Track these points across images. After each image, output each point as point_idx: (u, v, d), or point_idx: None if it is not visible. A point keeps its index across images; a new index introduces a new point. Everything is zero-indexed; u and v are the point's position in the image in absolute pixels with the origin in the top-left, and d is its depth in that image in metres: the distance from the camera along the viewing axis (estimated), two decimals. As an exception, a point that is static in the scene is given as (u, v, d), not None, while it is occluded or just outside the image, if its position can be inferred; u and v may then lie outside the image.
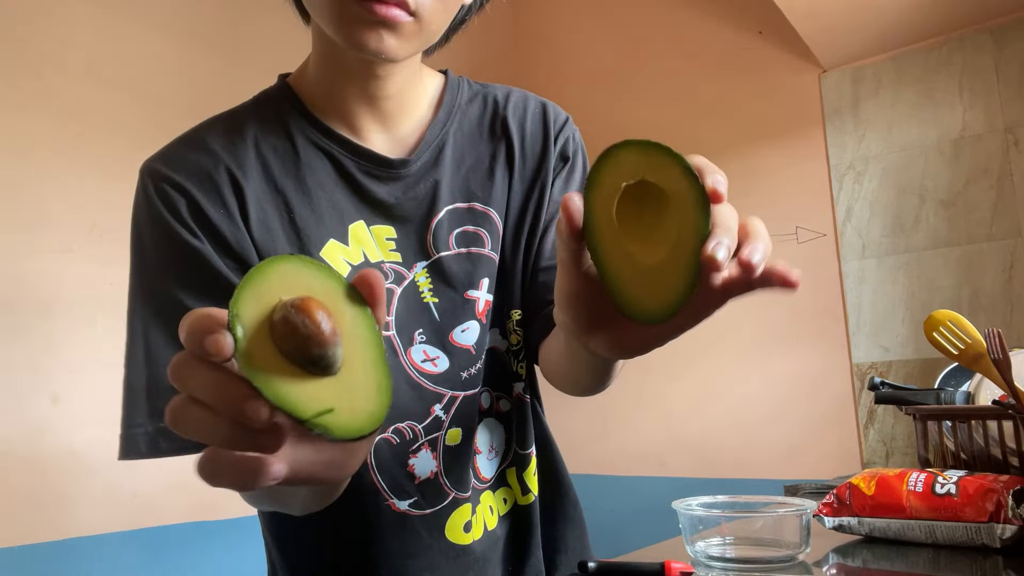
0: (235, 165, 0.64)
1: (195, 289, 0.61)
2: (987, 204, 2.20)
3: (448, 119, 0.72)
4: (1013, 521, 0.83)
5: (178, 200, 0.62)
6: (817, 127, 2.54)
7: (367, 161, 0.68)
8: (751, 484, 2.47)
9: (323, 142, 0.67)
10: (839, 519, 0.94)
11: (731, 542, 0.84)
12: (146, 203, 0.64)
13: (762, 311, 2.59)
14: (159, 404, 0.60)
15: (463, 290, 0.70)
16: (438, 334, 0.69)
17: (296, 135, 0.67)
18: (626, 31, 3.05)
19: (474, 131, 0.73)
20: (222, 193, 0.63)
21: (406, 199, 0.69)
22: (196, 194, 0.63)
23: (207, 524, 1.93)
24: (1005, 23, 2.23)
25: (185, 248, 0.62)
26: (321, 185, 0.67)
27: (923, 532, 0.87)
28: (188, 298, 0.61)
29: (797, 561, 0.80)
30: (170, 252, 0.62)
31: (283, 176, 0.66)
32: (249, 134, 0.67)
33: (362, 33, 0.58)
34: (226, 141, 0.66)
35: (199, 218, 0.62)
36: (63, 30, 1.83)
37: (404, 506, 0.67)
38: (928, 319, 1.02)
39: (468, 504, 0.71)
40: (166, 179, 0.63)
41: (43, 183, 1.75)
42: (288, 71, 0.76)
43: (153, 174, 0.65)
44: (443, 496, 0.69)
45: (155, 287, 0.63)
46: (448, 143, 0.71)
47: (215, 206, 0.63)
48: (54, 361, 1.71)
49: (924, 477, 0.90)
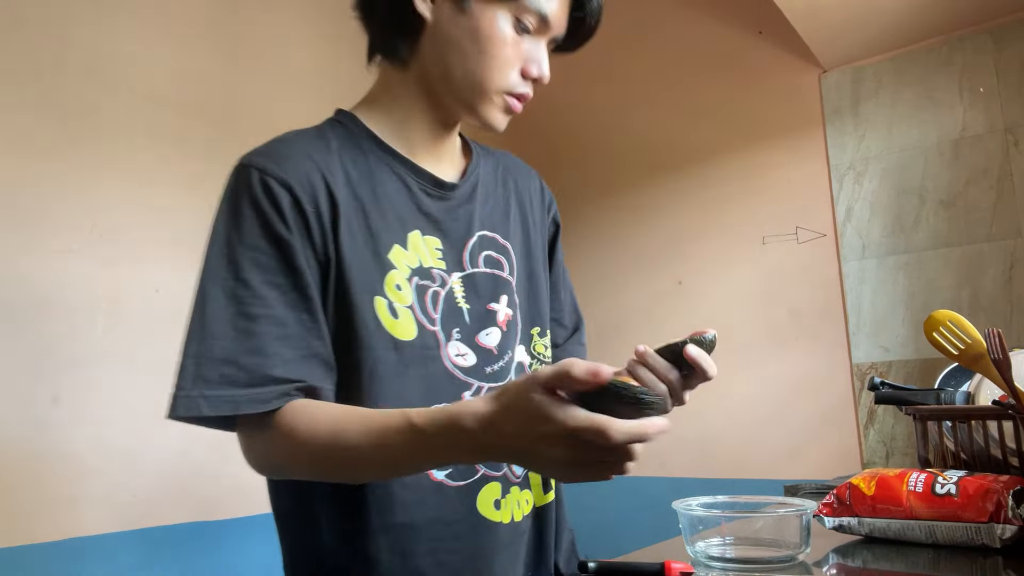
0: (328, 172, 0.76)
1: (271, 274, 0.71)
2: (987, 204, 2.20)
3: (476, 165, 0.90)
4: (1013, 521, 0.83)
5: (281, 196, 0.72)
6: (817, 127, 2.54)
7: (425, 181, 0.83)
8: (751, 484, 2.47)
9: (391, 162, 0.82)
10: (839, 519, 0.94)
11: (731, 542, 0.84)
12: (248, 192, 0.72)
13: (762, 312, 2.59)
14: (205, 373, 0.68)
15: (487, 302, 0.84)
16: (468, 335, 0.82)
17: (368, 154, 0.81)
18: (625, 31, 3.05)
19: (491, 180, 0.91)
20: (317, 196, 0.74)
21: (450, 219, 0.84)
22: (298, 192, 0.73)
23: (207, 524, 1.93)
24: (1005, 23, 2.23)
25: (277, 239, 0.71)
26: (389, 197, 0.80)
27: (923, 532, 0.87)
28: (261, 284, 0.71)
29: (797, 561, 0.80)
30: (261, 240, 0.71)
31: (360, 186, 0.78)
32: (334, 148, 0.79)
33: (497, 117, 0.81)
34: (319, 151, 0.78)
35: (297, 214, 0.72)
36: (63, 30, 1.83)
37: (441, 476, 0.77)
38: (928, 319, 1.02)
39: (497, 484, 0.81)
40: (273, 175, 0.73)
41: (43, 183, 1.75)
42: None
43: (260, 168, 0.73)
44: (473, 471, 0.79)
45: (235, 262, 0.71)
46: (479, 183, 0.89)
47: (311, 205, 0.73)
48: (54, 361, 1.71)
49: (924, 477, 0.90)
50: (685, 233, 2.82)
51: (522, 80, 0.81)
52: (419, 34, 0.80)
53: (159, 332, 1.90)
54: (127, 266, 1.86)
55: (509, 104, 0.81)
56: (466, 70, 0.78)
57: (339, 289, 0.74)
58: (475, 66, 0.78)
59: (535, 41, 0.81)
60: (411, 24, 0.79)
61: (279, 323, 0.70)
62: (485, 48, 0.77)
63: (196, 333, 0.71)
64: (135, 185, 1.90)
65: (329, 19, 2.50)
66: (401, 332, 0.76)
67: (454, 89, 0.80)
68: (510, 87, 0.80)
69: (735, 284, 2.67)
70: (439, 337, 0.79)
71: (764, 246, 2.62)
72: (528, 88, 0.81)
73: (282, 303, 0.71)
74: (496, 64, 0.78)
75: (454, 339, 0.80)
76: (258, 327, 0.70)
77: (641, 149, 2.95)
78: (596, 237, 2.95)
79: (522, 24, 0.78)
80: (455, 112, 0.83)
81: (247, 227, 0.72)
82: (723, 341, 2.27)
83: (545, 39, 0.81)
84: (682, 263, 2.81)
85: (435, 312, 0.79)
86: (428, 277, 0.80)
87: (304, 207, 0.73)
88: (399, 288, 0.77)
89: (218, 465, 1.98)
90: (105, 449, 1.77)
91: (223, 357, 0.69)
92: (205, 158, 2.08)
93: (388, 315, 0.76)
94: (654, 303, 2.85)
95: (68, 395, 1.72)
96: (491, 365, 0.82)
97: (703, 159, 2.80)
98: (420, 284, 0.79)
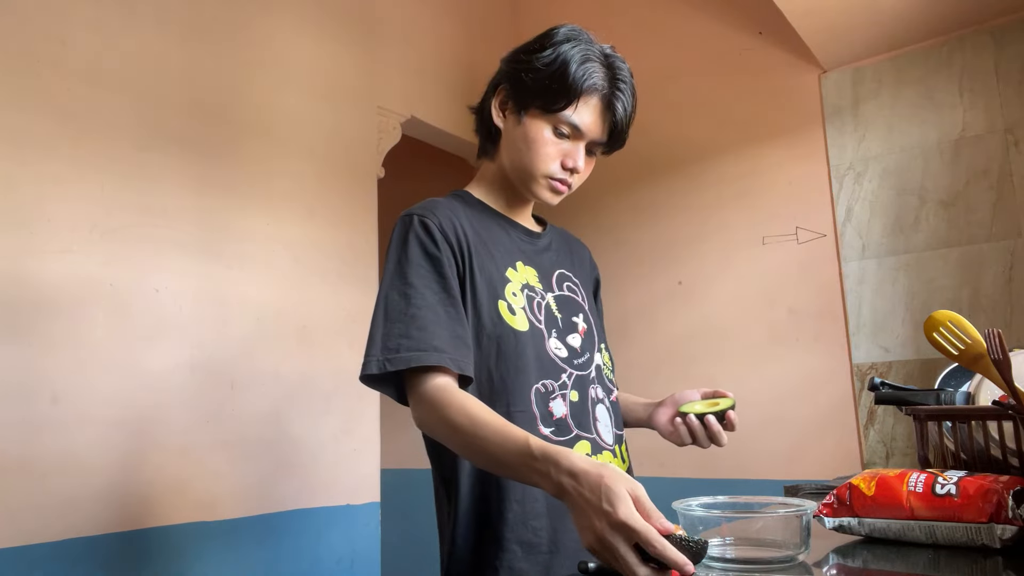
0: (459, 220, 1.08)
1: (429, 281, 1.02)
2: (987, 204, 2.20)
3: (550, 230, 1.26)
4: (1013, 522, 0.83)
5: (433, 229, 1.04)
6: (817, 127, 2.54)
7: (519, 231, 1.18)
8: (751, 484, 2.47)
9: (495, 218, 1.16)
10: (839, 519, 0.95)
11: (731, 543, 0.84)
12: (413, 231, 1.05)
13: (762, 312, 2.59)
14: (389, 344, 0.97)
15: (571, 316, 1.15)
16: (561, 335, 1.11)
17: (481, 213, 1.14)
18: (625, 32, 3.05)
19: (560, 241, 1.26)
20: (457, 231, 1.06)
21: (539, 257, 1.17)
22: (444, 227, 1.05)
23: (207, 525, 1.93)
24: (1005, 23, 2.23)
25: (431, 257, 1.03)
26: (498, 239, 1.13)
27: (923, 532, 0.87)
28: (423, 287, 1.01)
29: (797, 562, 0.80)
30: (421, 258, 1.03)
31: (479, 231, 1.10)
32: (459, 207, 1.12)
33: (545, 195, 1.12)
34: (452, 208, 1.10)
35: (443, 241, 1.04)
36: (63, 30, 1.83)
37: (547, 431, 1.04)
38: (928, 320, 1.02)
39: (587, 443, 1.07)
40: (428, 217, 1.05)
41: (43, 183, 1.75)
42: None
43: (419, 215, 1.06)
44: (569, 431, 1.06)
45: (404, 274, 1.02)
46: (553, 240, 1.24)
47: (453, 236, 1.05)
48: (54, 361, 1.71)
49: (924, 478, 0.89)
50: (685, 233, 2.82)
51: (561, 169, 1.09)
52: (498, 139, 1.14)
53: (159, 332, 1.90)
54: (127, 266, 1.86)
55: (553, 186, 1.10)
56: (520, 162, 1.10)
57: (474, 294, 1.04)
58: (524, 159, 1.09)
59: (573, 144, 1.08)
60: (493, 132, 1.15)
61: (435, 312, 0.99)
62: (531, 147, 1.08)
63: (379, 321, 1.00)
64: (135, 185, 1.90)
65: (329, 19, 2.50)
66: (518, 324, 1.06)
67: (515, 174, 1.12)
68: (551, 174, 1.09)
69: (735, 284, 2.67)
70: (544, 332, 1.08)
71: (764, 246, 2.62)
72: (567, 176, 1.09)
73: (437, 300, 1.01)
74: (539, 158, 1.08)
75: (553, 336, 1.09)
76: (422, 314, 0.98)
77: (641, 149, 2.95)
78: (596, 237, 2.95)
79: (559, 131, 1.07)
80: (520, 190, 1.14)
81: (412, 251, 1.03)
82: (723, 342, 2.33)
83: (582, 143, 1.08)
84: (682, 263, 2.81)
85: (540, 315, 1.09)
86: (533, 291, 1.11)
87: (448, 237, 1.04)
88: (514, 295, 1.07)
89: (219, 465, 1.98)
90: (105, 449, 1.77)
91: (399, 333, 0.97)
92: (205, 158, 2.07)
93: (508, 312, 1.06)
94: (654, 303, 2.85)
95: (68, 395, 1.72)
96: (578, 359, 1.11)
97: (703, 159, 2.80)
98: (528, 295, 1.10)
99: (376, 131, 2.62)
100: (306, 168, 2.35)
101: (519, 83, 1.08)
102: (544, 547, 1.00)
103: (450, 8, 3.09)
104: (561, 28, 1.08)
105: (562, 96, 1.04)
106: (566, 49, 1.05)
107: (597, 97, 1.06)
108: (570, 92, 1.04)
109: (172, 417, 1.90)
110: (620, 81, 1.07)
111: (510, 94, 1.10)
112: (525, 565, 0.98)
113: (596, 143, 1.09)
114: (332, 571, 2.22)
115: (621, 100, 1.07)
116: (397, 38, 2.77)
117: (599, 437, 1.09)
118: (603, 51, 1.08)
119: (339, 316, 2.37)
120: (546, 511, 1.01)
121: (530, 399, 1.04)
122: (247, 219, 2.15)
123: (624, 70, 1.08)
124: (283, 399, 2.17)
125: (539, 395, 1.05)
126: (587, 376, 1.12)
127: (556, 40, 1.06)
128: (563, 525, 1.02)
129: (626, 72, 1.08)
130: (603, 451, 1.09)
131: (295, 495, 2.16)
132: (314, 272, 2.32)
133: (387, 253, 1.08)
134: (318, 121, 2.41)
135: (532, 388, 1.04)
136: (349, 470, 2.34)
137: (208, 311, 2.01)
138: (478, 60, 3.12)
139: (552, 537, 1.01)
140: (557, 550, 1.01)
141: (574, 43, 1.05)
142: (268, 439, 2.12)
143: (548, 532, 1.01)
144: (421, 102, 2.82)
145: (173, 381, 1.92)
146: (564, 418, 1.06)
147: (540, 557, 0.99)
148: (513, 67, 1.10)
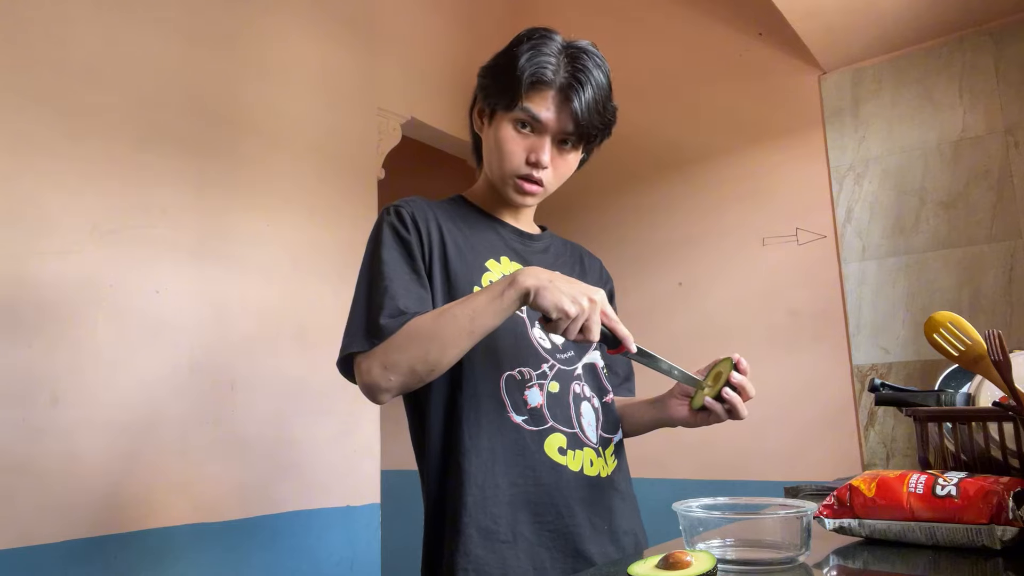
0: (437, 213, 1.13)
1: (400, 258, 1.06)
2: (987, 205, 2.20)
3: (551, 237, 1.26)
4: (1014, 523, 0.82)
5: (405, 217, 1.09)
6: (817, 129, 2.54)
7: (509, 231, 1.19)
8: (751, 486, 2.47)
9: (485, 219, 1.18)
10: (839, 521, 0.94)
11: (731, 544, 0.84)
12: (387, 219, 1.10)
13: (762, 313, 2.59)
14: (370, 328, 1.01)
15: None
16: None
17: (469, 214, 1.17)
18: (625, 33, 3.05)
19: (563, 251, 1.27)
20: (428, 222, 1.10)
21: (533, 257, 1.18)
22: (416, 217, 1.09)
23: (207, 526, 1.93)
24: (1005, 24, 2.23)
25: (402, 239, 1.07)
26: (483, 235, 1.15)
27: (923, 534, 0.87)
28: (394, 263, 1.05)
29: (798, 563, 0.80)
30: (393, 240, 1.07)
31: (462, 227, 1.14)
32: (445, 205, 1.17)
33: (513, 196, 1.12)
34: (433, 206, 1.14)
35: (414, 227, 1.08)
36: (63, 30, 1.83)
37: (519, 420, 1.04)
38: (928, 321, 1.02)
39: (563, 436, 1.06)
40: (402, 207, 1.10)
41: (43, 183, 1.75)
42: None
43: (395, 205, 1.11)
44: (544, 421, 1.05)
45: (379, 259, 1.06)
46: (551, 247, 1.24)
47: (424, 225, 1.09)
48: (53, 362, 1.71)
49: (924, 479, 0.89)
50: (685, 234, 2.82)
51: (526, 165, 1.08)
52: (480, 145, 1.18)
53: (159, 332, 1.90)
54: (127, 266, 1.86)
55: (519, 185, 1.10)
56: (492, 164, 1.13)
57: (445, 280, 1.07)
58: (495, 160, 1.11)
59: (538, 137, 1.08)
60: (477, 140, 1.19)
61: (404, 284, 1.04)
62: (499, 147, 1.09)
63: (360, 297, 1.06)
64: (135, 185, 1.90)
65: (330, 20, 2.50)
66: None
67: (493, 178, 1.15)
68: (516, 171, 1.09)
69: (735, 285, 2.67)
70: (526, 320, 1.09)
71: (764, 247, 2.62)
72: (532, 171, 1.08)
73: (405, 273, 1.05)
74: (504, 156, 1.09)
75: (537, 327, 1.09)
76: (392, 286, 1.03)
77: (641, 150, 2.95)
78: (596, 238, 2.95)
79: (520, 125, 1.07)
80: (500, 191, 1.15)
81: (385, 236, 1.08)
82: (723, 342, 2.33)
83: (546, 136, 1.08)
84: (682, 264, 2.81)
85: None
86: None
87: (419, 226, 1.09)
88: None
89: (218, 467, 1.98)
90: (105, 450, 1.77)
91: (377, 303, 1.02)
92: (205, 158, 2.07)
93: None
94: (654, 304, 2.85)
95: (68, 396, 1.72)
96: (562, 353, 1.11)
97: (703, 160, 2.80)
98: None
99: (376, 132, 2.62)
100: (306, 169, 2.35)
101: (484, 89, 1.12)
102: (502, 535, 0.99)
103: (450, 10, 3.09)
104: (524, 31, 1.10)
105: (512, 88, 1.05)
106: (521, 47, 1.07)
107: (553, 88, 1.05)
108: (517, 83, 1.05)
109: (172, 418, 1.90)
110: (579, 71, 1.06)
111: (481, 101, 1.14)
112: (482, 552, 0.98)
113: (566, 135, 1.08)
114: (332, 573, 2.22)
115: (578, 89, 1.05)
116: (397, 40, 2.77)
117: (582, 433, 1.08)
118: (565, 44, 1.08)
119: (339, 317, 2.35)
120: (508, 499, 1.01)
121: (499, 385, 1.04)
122: (247, 220, 2.15)
123: (587, 60, 1.07)
124: (283, 400, 2.17)
125: (512, 382, 1.04)
126: (571, 371, 1.11)
127: (514, 42, 1.09)
128: (524, 516, 1.01)
129: (589, 62, 1.07)
130: (584, 447, 1.08)
131: (295, 496, 2.16)
132: (314, 273, 2.32)
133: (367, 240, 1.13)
134: (318, 122, 2.41)
135: (504, 374, 1.04)
136: (349, 471, 2.34)
137: (208, 312, 2.01)
138: (478, 62, 3.09)
139: (513, 528, 1.00)
140: (516, 540, 1.00)
141: (530, 41, 1.07)
142: (268, 440, 2.12)
143: (508, 521, 1.00)
144: (421, 103, 2.82)
145: (173, 382, 1.92)
146: (539, 408, 1.05)
147: (497, 545, 0.99)
148: (480, 75, 1.14)
